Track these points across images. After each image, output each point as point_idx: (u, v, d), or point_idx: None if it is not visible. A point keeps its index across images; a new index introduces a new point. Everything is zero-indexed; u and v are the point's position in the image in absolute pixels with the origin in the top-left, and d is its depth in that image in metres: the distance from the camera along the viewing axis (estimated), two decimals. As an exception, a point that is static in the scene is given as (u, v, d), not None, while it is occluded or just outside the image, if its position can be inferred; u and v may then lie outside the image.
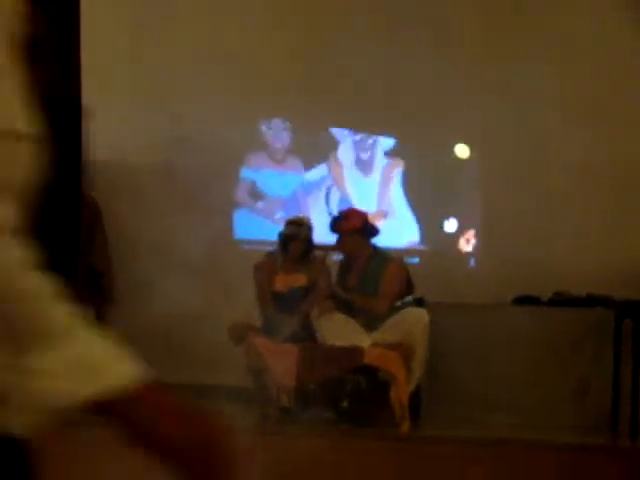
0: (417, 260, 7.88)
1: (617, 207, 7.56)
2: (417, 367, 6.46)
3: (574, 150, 7.63)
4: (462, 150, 8.04)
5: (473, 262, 8.03)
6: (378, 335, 6.54)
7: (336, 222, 6.80)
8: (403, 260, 7.08)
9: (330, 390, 6.39)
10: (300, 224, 6.88)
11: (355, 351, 6.44)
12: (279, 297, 6.78)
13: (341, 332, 6.54)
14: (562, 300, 7.03)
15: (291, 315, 6.69)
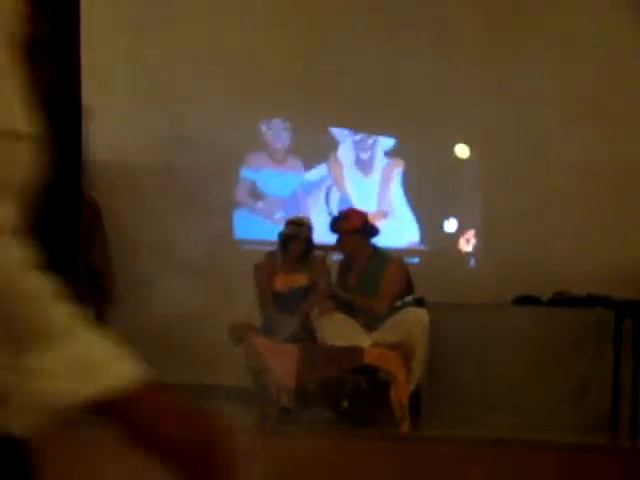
0: (417, 260, 7.88)
1: (617, 207, 7.56)
2: (417, 367, 6.46)
3: (574, 150, 7.63)
4: (462, 150, 8.04)
5: (473, 262, 8.03)
6: (378, 335, 6.54)
7: (336, 222, 6.80)
8: (403, 260, 7.08)
9: (330, 390, 6.38)
10: (300, 224, 6.87)
11: (355, 351, 6.43)
12: (279, 297, 6.78)
13: (341, 332, 6.54)
14: (562, 300, 7.03)
15: (291, 315, 6.69)
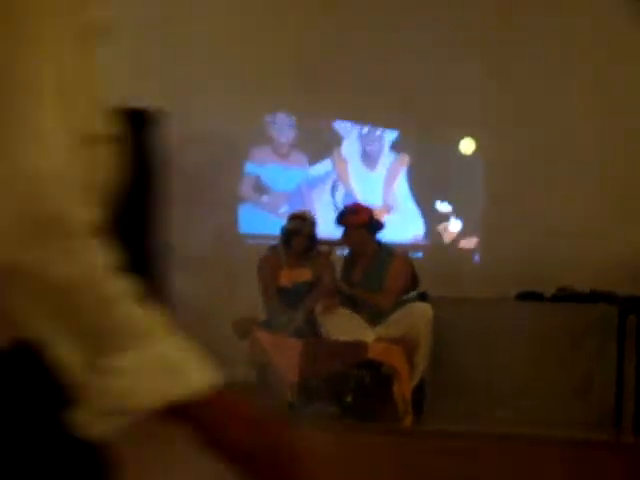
0: (421, 255, 7.89)
1: (621, 203, 7.56)
2: (421, 362, 6.47)
3: (579, 146, 7.63)
4: (466, 145, 8.05)
5: (477, 257, 8.04)
6: (382, 330, 6.54)
7: (343, 216, 6.76)
8: (408, 255, 7.08)
9: (334, 385, 6.39)
10: (303, 219, 6.85)
11: (359, 346, 6.44)
12: (283, 292, 6.77)
13: (345, 327, 6.54)
14: (565, 296, 7.03)
15: (295, 310, 6.69)
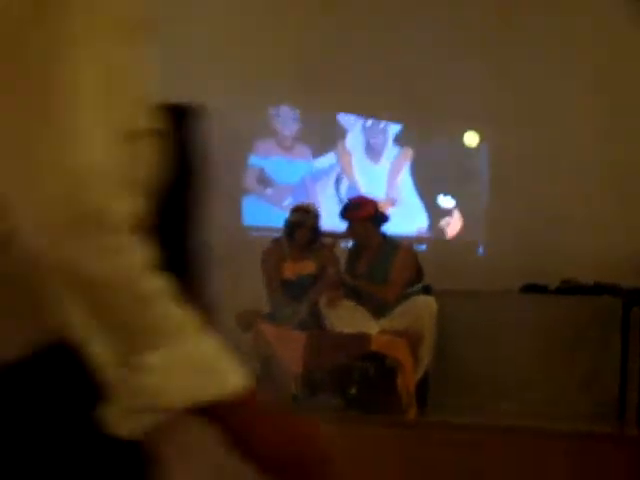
0: (424, 248, 7.89)
1: (626, 195, 7.55)
2: (425, 355, 6.47)
3: (583, 139, 7.62)
4: (470, 138, 8.04)
5: (481, 250, 8.04)
6: (386, 322, 6.54)
7: (348, 210, 6.72)
8: (412, 247, 7.07)
9: (338, 377, 6.39)
10: (307, 211, 6.85)
11: (363, 338, 6.44)
12: (287, 284, 6.78)
13: (349, 319, 6.54)
14: (569, 288, 7.02)
15: (299, 302, 6.70)
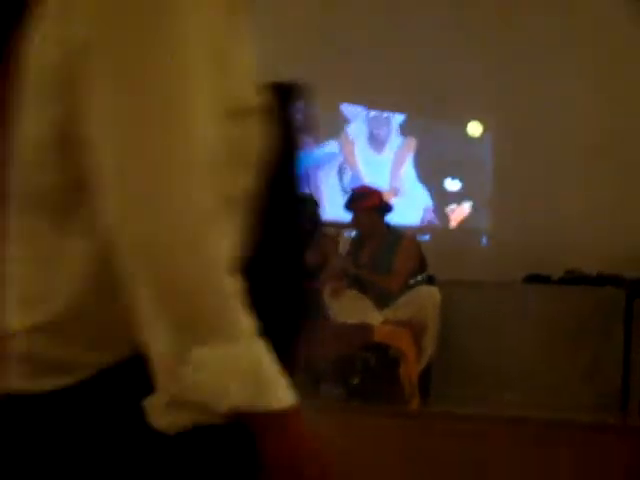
0: (428, 238, 7.87)
1: (629, 186, 7.54)
2: (428, 345, 6.46)
3: (586, 128, 7.60)
4: (474, 128, 8.02)
5: (484, 240, 8.03)
6: (389, 312, 6.54)
7: (353, 200, 6.67)
8: (416, 237, 7.06)
9: (340, 367, 6.39)
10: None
11: (366, 328, 6.43)
12: (290, 274, 6.76)
13: (352, 309, 6.54)
14: (573, 279, 7.02)
15: (302, 292, 6.68)
